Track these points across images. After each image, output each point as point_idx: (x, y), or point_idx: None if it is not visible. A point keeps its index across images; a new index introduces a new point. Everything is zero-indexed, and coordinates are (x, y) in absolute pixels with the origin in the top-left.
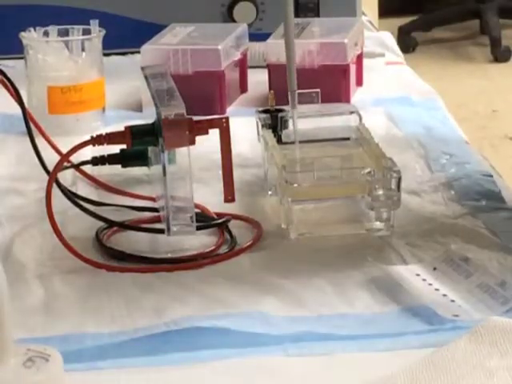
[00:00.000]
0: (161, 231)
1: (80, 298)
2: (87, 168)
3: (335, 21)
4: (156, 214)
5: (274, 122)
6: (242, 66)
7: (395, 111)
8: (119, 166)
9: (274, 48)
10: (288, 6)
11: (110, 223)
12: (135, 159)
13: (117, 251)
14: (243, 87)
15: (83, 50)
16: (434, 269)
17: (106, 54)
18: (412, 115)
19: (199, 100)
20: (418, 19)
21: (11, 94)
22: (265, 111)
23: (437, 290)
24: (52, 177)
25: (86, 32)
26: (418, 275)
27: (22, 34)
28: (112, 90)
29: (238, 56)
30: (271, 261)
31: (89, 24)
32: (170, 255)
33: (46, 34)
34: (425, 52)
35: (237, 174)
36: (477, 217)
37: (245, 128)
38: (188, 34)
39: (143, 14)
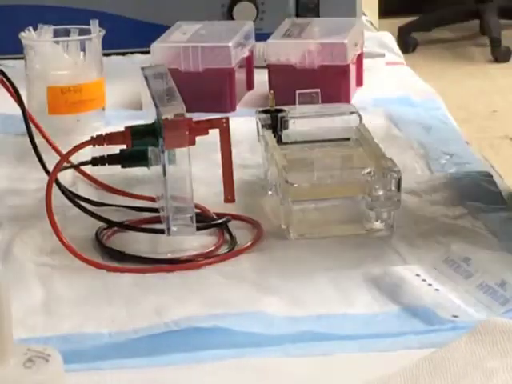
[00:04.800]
0: (161, 231)
1: (80, 298)
2: (87, 168)
3: (335, 21)
4: (156, 214)
5: (274, 123)
6: (249, 63)
7: (395, 111)
8: (119, 167)
9: (274, 48)
10: None
11: (110, 223)
12: (135, 159)
13: (117, 251)
14: (250, 85)
15: (83, 50)
16: (435, 269)
17: (105, 54)
18: (412, 115)
19: (209, 97)
20: (418, 19)
21: (11, 94)
22: (265, 111)
23: (437, 290)
24: (52, 177)
25: (86, 32)
26: (417, 275)
27: (22, 34)
28: (112, 90)
29: (246, 53)
30: (271, 261)
31: (89, 24)
32: (169, 255)
33: (45, 34)
34: (425, 52)
35: (237, 174)
36: (477, 217)
37: (245, 128)
38: (196, 32)
39: (143, 14)
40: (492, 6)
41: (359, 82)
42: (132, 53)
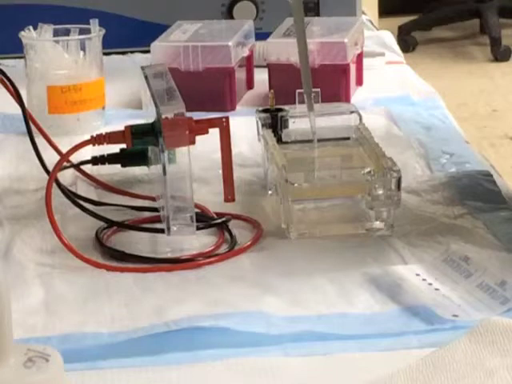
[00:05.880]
0: (161, 231)
1: (80, 298)
2: (87, 168)
3: (335, 20)
4: (156, 213)
5: (274, 122)
6: (249, 62)
7: (395, 111)
8: (119, 166)
9: (274, 47)
10: (298, 11)
11: (110, 223)
12: (135, 159)
13: (117, 251)
14: (249, 84)
15: (83, 49)
16: (435, 268)
17: (106, 54)
18: (412, 115)
19: (209, 96)
20: (418, 19)
21: (11, 94)
22: (265, 111)
23: (437, 289)
24: (52, 176)
25: (86, 31)
26: (417, 275)
27: (22, 33)
28: (112, 90)
29: (246, 53)
30: (271, 260)
31: (88, 23)
32: (169, 255)
33: (45, 33)
34: (425, 51)
35: (237, 173)
36: (477, 217)
37: (245, 127)
38: (196, 31)
39: (143, 14)
40: (492, 5)
41: (359, 81)
42: (132, 52)
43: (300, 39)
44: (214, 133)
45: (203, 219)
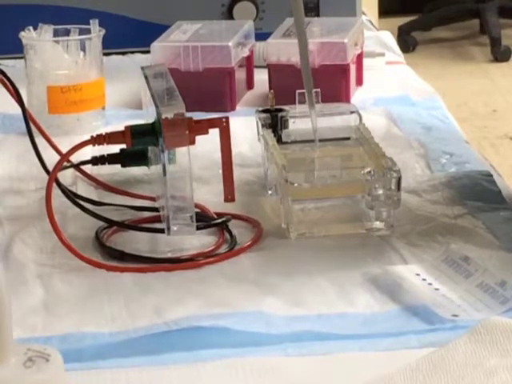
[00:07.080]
0: (161, 231)
1: (80, 298)
2: (87, 168)
3: (335, 20)
4: (156, 213)
5: (274, 122)
6: (249, 63)
7: (395, 111)
8: (119, 166)
9: (274, 48)
10: (298, 9)
11: (110, 223)
12: (135, 159)
13: (117, 251)
14: (249, 84)
15: (83, 49)
16: (435, 268)
17: (105, 54)
18: (412, 115)
19: (209, 97)
20: (418, 19)
21: (11, 94)
22: (265, 111)
23: (437, 289)
24: (52, 176)
25: (86, 31)
26: (417, 275)
27: (22, 33)
28: (112, 90)
29: (246, 53)
30: (271, 260)
31: (88, 24)
32: (169, 255)
33: (45, 33)
34: (425, 52)
35: (237, 173)
36: (477, 216)
37: (245, 128)
38: (196, 31)
39: (143, 14)
40: (492, 6)
41: (359, 82)
42: (132, 52)
43: (300, 34)
44: (214, 133)
45: (203, 219)
